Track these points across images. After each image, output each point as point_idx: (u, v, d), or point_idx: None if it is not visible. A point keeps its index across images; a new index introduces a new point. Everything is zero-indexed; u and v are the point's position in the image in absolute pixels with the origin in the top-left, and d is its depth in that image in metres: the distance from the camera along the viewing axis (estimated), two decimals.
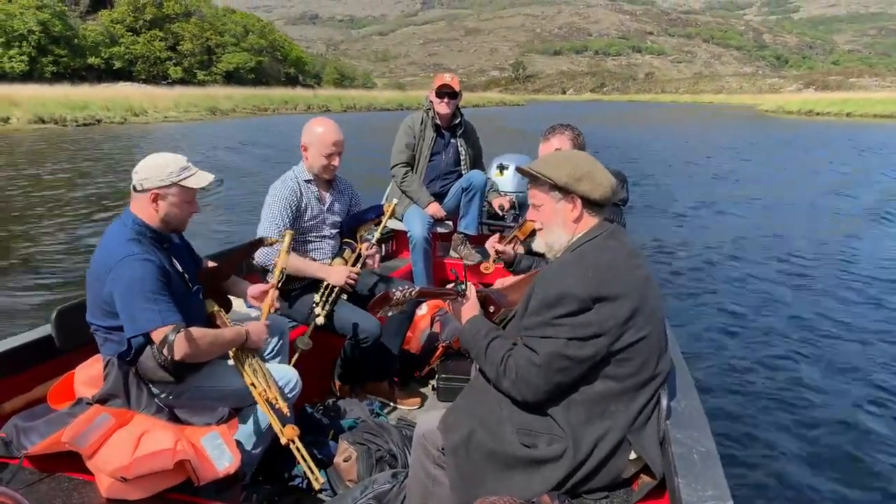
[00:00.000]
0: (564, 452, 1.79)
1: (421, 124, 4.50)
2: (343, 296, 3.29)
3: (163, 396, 2.34)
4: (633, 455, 1.84)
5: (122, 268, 2.18)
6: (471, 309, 2.13)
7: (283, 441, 2.31)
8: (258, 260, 3.21)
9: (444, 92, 4.42)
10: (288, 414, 2.40)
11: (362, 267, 3.39)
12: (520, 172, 2.05)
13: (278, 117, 46.19)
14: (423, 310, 4.04)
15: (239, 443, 2.36)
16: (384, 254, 4.83)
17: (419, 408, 3.54)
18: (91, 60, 65.81)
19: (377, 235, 3.58)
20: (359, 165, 12.94)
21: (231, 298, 2.84)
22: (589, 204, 1.93)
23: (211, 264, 2.80)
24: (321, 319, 3.16)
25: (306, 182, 3.36)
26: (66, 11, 66.18)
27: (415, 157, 4.53)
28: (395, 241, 5.00)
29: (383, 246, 4.82)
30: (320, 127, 3.30)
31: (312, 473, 2.27)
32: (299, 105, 57.48)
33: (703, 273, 7.99)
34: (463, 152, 4.62)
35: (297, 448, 2.31)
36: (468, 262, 4.52)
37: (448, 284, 2.23)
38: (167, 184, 2.31)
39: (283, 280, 3.03)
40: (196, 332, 2.23)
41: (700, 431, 1.85)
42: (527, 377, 1.81)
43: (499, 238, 3.31)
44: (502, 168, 5.18)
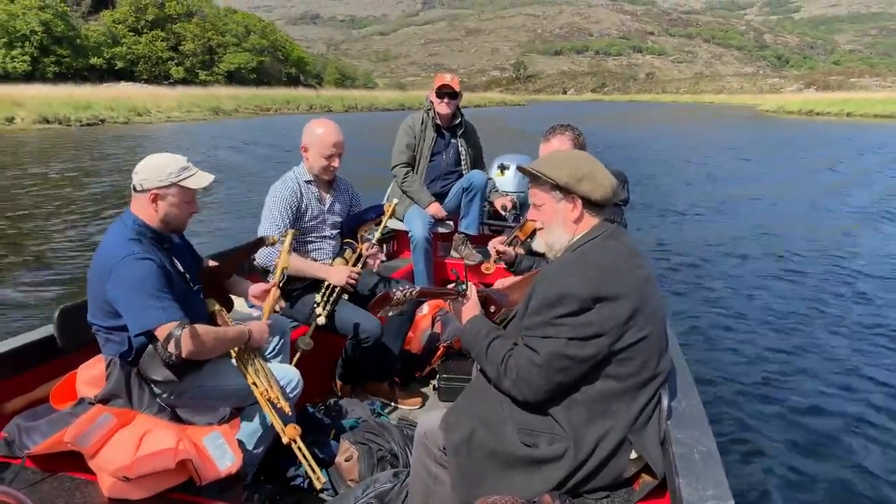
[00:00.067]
0: (565, 452, 1.79)
1: (421, 124, 4.51)
2: (344, 296, 3.30)
3: (164, 396, 2.34)
4: (634, 455, 1.84)
5: (124, 267, 2.18)
6: (471, 309, 2.13)
7: (285, 441, 2.32)
8: (259, 260, 3.22)
9: (445, 92, 4.42)
10: (289, 414, 2.40)
11: (363, 267, 3.40)
12: (521, 171, 2.06)
13: (280, 117, 46.21)
14: (425, 310, 4.05)
15: (241, 442, 2.36)
16: (385, 254, 4.83)
17: (420, 408, 3.54)
18: (93, 61, 65.83)
19: (377, 235, 3.59)
20: (360, 165, 12.95)
21: (232, 298, 2.84)
22: (590, 204, 1.93)
23: (212, 264, 2.81)
24: (322, 319, 3.16)
25: (307, 183, 3.37)
26: (69, 12, 66.20)
27: (415, 158, 4.53)
28: (396, 242, 5.01)
29: (384, 246, 4.82)
30: (320, 128, 3.30)
31: (314, 473, 2.28)
32: (301, 105, 57.44)
33: (704, 273, 7.99)
34: (463, 152, 4.62)
35: (299, 448, 2.32)
36: (469, 262, 4.51)
37: (449, 284, 2.23)
38: (166, 184, 2.31)
39: (285, 280, 3.04)
40: (200, 329, 2.24)
41: (701, 431, 1.85)
42: (527, 377, 1.81)
43: (500, 238, 3.32)
44: (503, 168, 5.18)
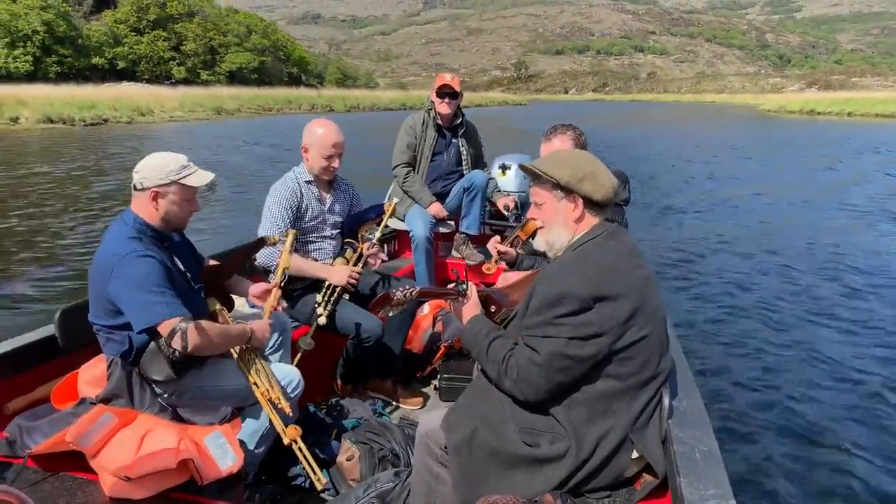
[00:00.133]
0: (567, 451, 1.79)
1: (422, 124, 4.50)
2: (345, 296, 3.30)
3: (166, 396, 2.34)
4: (636, 454, 1.84)
5: (125, 265, 2.18)
6: (472, 309, 2.13)
7: (286, 441, 2.32)
8: (260, 260, 3.22)
9: (445, 92, 4.42)
10: (290, 414, 2.41)
11: (364, 266, 3.40)
12: (522, 170, 2.06)
13: (282, 117, 46.27)
14: (426, 310, 4.05)
15: (242, 442, 2.36)
16: (386, 254, 4.83)
17: (421, 407, 3.54)
18: (95, 60, 65.87)
19: (378, 235, 3.58)
20: (362, 165, 12.95)
21: (233, 298, 2.84)
22: (591, 204, 1.93)
23: (213, 263, 2.81)
24: (323, 319, 3.17)
25: (307, 183, 3.37)
26: (70, 12, 66.27)
27: (416, 158, 4.53)
28: (398, 241, 5.00)
29: (385, 246, 4.82)
30: (321, 128, 3.30)
31: (315, 474, 2.28)
32: (303, 105, 57.46)
33: (706, 272, 7.98)
34: (464, 152, 4.62)
35: (300, 448, 2.32)
36: (470, 262, 4.51)
37: (449, 284, 2.23)
38: (167, 182, 2.31)
39: (286, 280, 3.04)
40: (204, 324, 2.24)
41: (702, 430, 1.85)
42: (528, 376, 1.81)
43: (500, 238, 3.32)
44: (504, 168, 5.17)
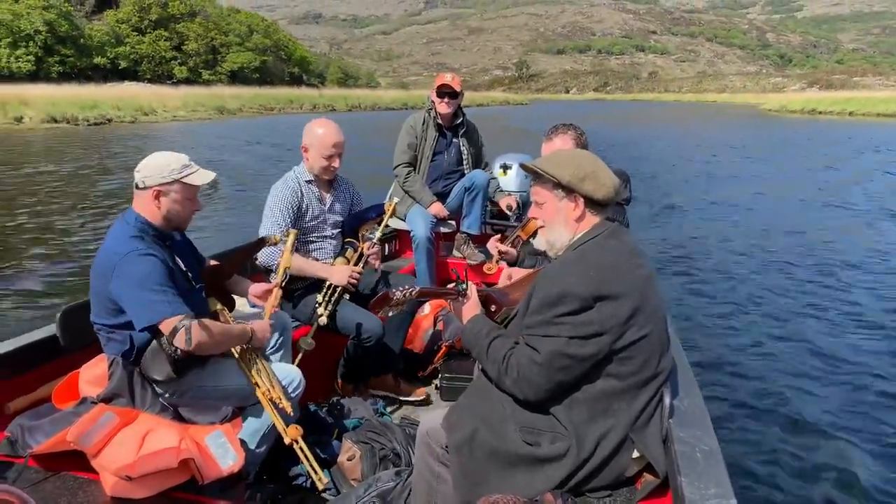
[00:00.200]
0: (567, 451, 1.79)
1: (423, 124, 4.50)
2: (346, 295, 3.30)
3: (167, 395, 2.35)
4: (636, 453, 1.84)
5: (127, 264, 2.18)
6: (472, 308, 2.13)
7: (287, 441, 2.32)
8: (262, 260, 3.22)
9: (445, 92, 4.42)
10: (291, 413, 2.41)
11: (364, 266, 3.40)
12: (524, 169, 2.06)
13: (284, 117, 46.34)
14: (426, 310, 4.05)
15: (243, 442, 2.36)
16: (387, 253, 4.83)
17: (423, 399, 3.55)
18: (97, 60, 65.98)
19: (378, 234, 3.59)
20: (364, 165, 12.95)
21: (234, 298, 2.85)
22: (592, 203, 1.93)
23: (213, 263, 2.81)
24: (324, 319, 3.17)
25: (307, 183, 3.37)
26: (72, 11, 66.31)
27: (417, 157, 4.53)
28: (398, 241, 5.00)
29: (386, 245, 4.82)
30: (321, 128, 3.30)
31: (316, 473, 2.28)
32: (305, 105, 57.54)
33: (706, 271, 7.98)
34: (465, 152, 4.61)
35: (301, 448, 2.32)
36: (471, 262, 4.51)
37: (449, 284, 2.23)
38: (169, 180, 2.32)
39: (286, 279, 3.04)
40: (205, 323, 2.24)
41: (703, 430, 1.85)
42: (528, 376, 1.81)
43: (501, 238, 3.32)
44: (506, 168, 5.17)
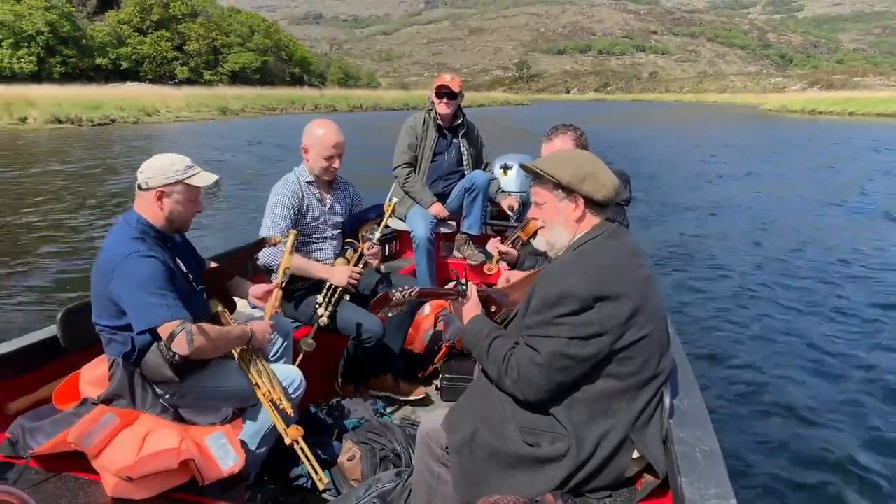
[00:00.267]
0: (567, 451, 1.79)
1: (423, 125, 4.50)
2: (346, 296, 3.30)
3: (167, 396, 2.35)
4: (636, 454, 1.84)
5: (127, 265, 2.19)
6: (472, 309, 2.13)
7: (287, 441, 2.32)
8: (263, 260, 3.22)
9: (444, 92, 4.41)
10: (292, 414, 2.41)
11: (364, 266, 3.40)
12: (524, 169, 2.06)
13: (287, 117, 46.41)
14: (427, 310, 4.04)
15: (243, 442, 2.36)
16: (388, 254, 4.84)
17: (423, 399, 3.55)
18: (99, 61, 66.10)
19: (378, 235, 3.59)
20: (365, 165, 12.95)
21: (235, 299, 2.85)
22: (592, 204, 1.93)
23: (214, 265, 2.82)
24: (325, 320, 3.17)
25: (307, 184, 3.37)
26: (74, 12, 66.41)
27: (417, 158, 4.53)
28: (399, 241, 5.00)
29: (387, 246, 4.82)
30: (321, 129, 3.30)
31: (316, 474, 2.28)
32: (307, 105, 57.66)
33: (707, 271, 7.96)
34: (465, 152, 4.61)
35: (301, 448, 2.32)
36: (471, 262, 4.51)
37: (449, 284, 2.23)
38: (172, 181, 2.32)
39: (287, 280, 3.04)
40: (204, 327, 2.24)
41: (703, 430, 1.85)
42: (528, 376, 1.81)
43: (501, 239, 3.32)
44: (506, 168, 5.17)
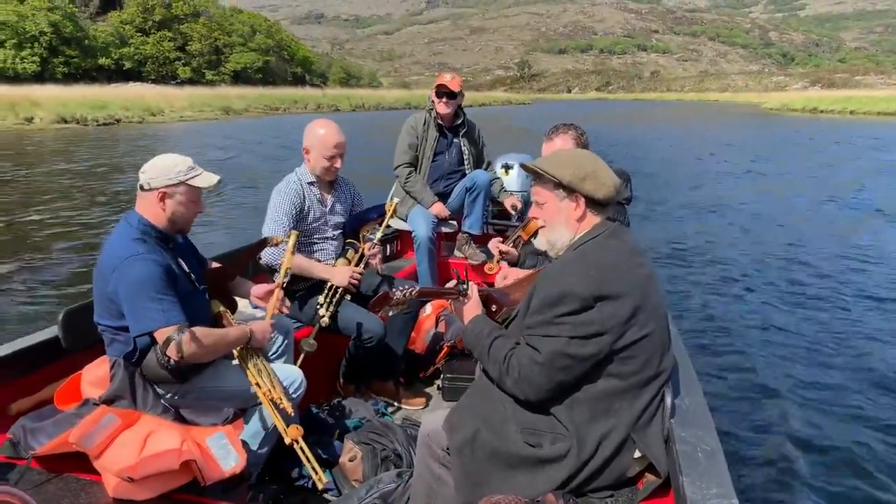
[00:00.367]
0: (569, 451, 1.79)
1: (424, 124, 4.50)
2: (347, 296, 3.30)
3: (169, 397, 2.35)
4: (638, 453, 1.83)
5: (127, 267, 2.19)
6: (473, 308, 2.13)
7: (287, 441, 2.32)
8: (265, 259, 3.22)
9: (443, 92, 4.41)
10: (292, 414, 2.40)
11: (366, 267, 3.40)
12: (524, 169, 2.06)
13: (289, 117, 46.48)
14: (428, 310, 4.04)
15: (245, 443, 2.36)
16: (389, 254, 4.83)
17: (424, 408, 3.54)
18: (101, 61, 66.11)
19: (379, 235, 3.59)
20: (367, 165, 12.95)
21: (236, 299, 2.85)
22: (592, 203, 1.93)
23: (216, 265, 2.82)
24: (326, 320, 3.17)
25: (309, 184, 3.37)
26: (77, 13, 66.44)
27: (418, 158, 4.53)
28: (400, 241, 5.01)
29: (388, 246, 4.82)
30: (322, 129, 3.30)
31: (316, 474, 2.28)
32: (309, 105, 57.75)
33: (708, 270, 7.96)
34: (466, 152, 4.61)
35: (301, 448, 2.32)
36: (473, 262, 4.51)
37: (450, 283, 2.23)
38: (175, 182, 2.32)
39: (288, 280, 3.04)
40: (199, 333, 2.24)
41: (704, 429, 1.84)
42: (529, 376, 1.81)
43: (502, 238, 3.32)
44: (507, 167, 5.17)
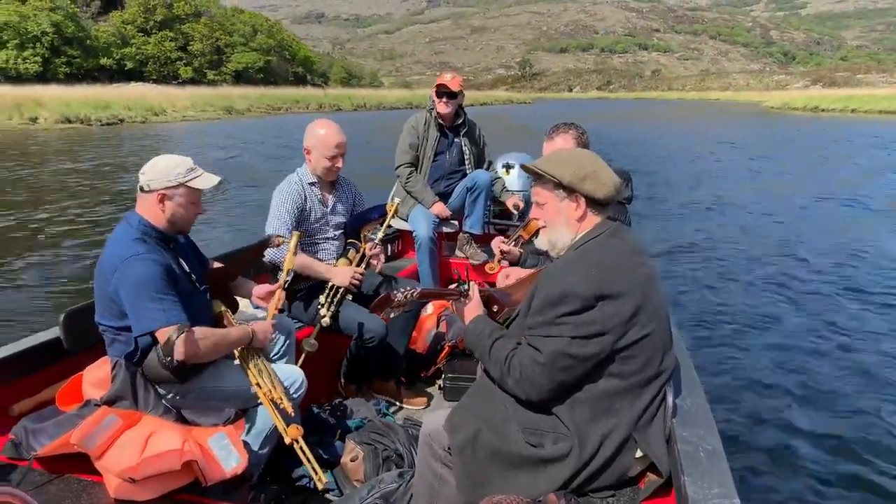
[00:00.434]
0: (570, 451, 1.79)
1: (424, 124, 4.50)
2: (348, 296, 3.30)
3: (170, 397, 2.35)
4: (639, 453, 1.83)
5: (127, 267, 2.19)
6: (474, 308, 2.13)
7: (287, 441, 2.32)
8: (269, 257, 3.22)
9: (443, 92, 4.41)
10: (293, 414, 2.40)
11: (367, 267, 3.40)
12: (524, 170, 2.06)
13: (291, 116, 46.52)
14: (429, 310, 4.05)
15: (246, 443, 2.37)
16: (390, 254, 4.83)
17: (425, 408, 3.54)
18: (103, 61, 66.16)
19: (381, 235, 3.59)
20: (368, 165, 12.95)
21: (237, 299, 2.85)
22: (593, 203, 1.93)
23: (217, 265, 2.82)
24: (327, 320, 3.17)
25: (310, 185, 3.37)
26: (78, 13, 66.47)
27: (419, 158, 4.53)
28: (401, 241, 5.01)
29: (389, 246, 4.82)
30: (322, 129, 3.30)
31: (316, 474, 2.28)
32: (311, 104, 57.79)
33: (709, 269, 7.95)
34: (467, 151, 4.61)
35: (301, 448, 2.32)
36: (474, 262, 4.51)
37: (451, 284, 2.23)
38: (174, 184, 2.32)
39: (290, 280, 3.04)
40: (200, 332, 2.24)
41: (706, 429, 1.84)
42: (531, 376, 1.81)
43: (504, 238, 3.31)
44: (508, 167, 5.17)
